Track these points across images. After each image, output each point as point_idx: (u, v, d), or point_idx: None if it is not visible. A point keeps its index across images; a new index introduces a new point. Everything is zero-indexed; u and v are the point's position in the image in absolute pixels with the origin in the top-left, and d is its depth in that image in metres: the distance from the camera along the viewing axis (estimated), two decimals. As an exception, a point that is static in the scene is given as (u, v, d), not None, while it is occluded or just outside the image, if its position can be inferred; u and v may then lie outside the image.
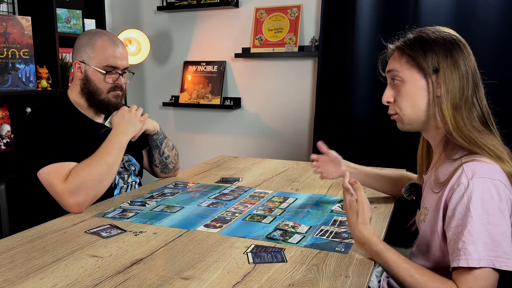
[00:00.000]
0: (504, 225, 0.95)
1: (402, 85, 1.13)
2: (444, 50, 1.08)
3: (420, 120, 1.13)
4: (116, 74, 1.60)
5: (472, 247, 0.94)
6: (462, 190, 0.99)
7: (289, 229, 1.27)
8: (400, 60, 1.13)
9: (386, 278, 1.36)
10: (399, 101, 1.14)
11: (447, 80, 1.06)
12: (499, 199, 0.97)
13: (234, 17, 3.23)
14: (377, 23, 2.66)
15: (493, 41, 2.39)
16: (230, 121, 3.36)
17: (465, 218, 0.96)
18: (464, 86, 1.07)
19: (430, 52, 1.08)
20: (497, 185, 0.98)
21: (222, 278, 0.98)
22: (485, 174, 0.99)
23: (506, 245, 0.94)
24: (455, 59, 1.07)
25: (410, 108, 1.13)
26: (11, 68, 2.53)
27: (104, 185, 1.46)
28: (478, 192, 0.97)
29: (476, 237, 0.94)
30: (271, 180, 1.86)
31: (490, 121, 1.10)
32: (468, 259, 0.94)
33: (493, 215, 0.95)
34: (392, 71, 1.15)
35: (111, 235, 1.23)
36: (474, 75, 1.09)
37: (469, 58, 1.09)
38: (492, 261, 0.93)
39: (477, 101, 1.08)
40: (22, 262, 1.06)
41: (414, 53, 1.10)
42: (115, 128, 1.56)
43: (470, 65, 1.09)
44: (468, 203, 0.97)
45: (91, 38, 1.59)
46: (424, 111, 1.11)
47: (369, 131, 2.72)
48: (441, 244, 1.07)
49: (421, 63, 1.09)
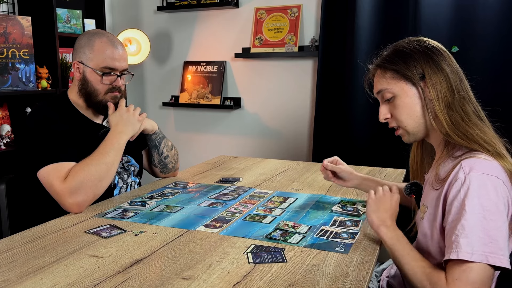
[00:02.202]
0: (500, 220, 0.95)
1: (394, 99, 1.14)
2: (424, 57, 1.10)
3: (421, 126, 1.14)
4: (113, 76, 1.60)
5: (464, 240, 0.94)
6: (459, 185, 0.99)
7: (289, 229, 1.27)
8: (384, 77, 1.15)
9: (386, 278, 1.36)
10: (397, 115, 1.15)
11: (434, 82, 1.08)
12: (496, 195, 0.97)
13: (234, 17, 3.23)
14: (377, 23, 2.66)
15: (492, 39, 2.40)
16: (230, 121, 3.36)
17: (460, 212, 0.97)
18: (452, 84, 1.08)
19: (411, 61, 1.11)
20: (493, 180, 0.98)
21: (222, 278, 0.98)
22: (482, 170, 0.99)
23: (501, 241, 0.94)
24: (436, 62, 1.09)
25: (409, 118, 1.14)
26: (11, 68, 2.53)
27: (104, 184, 1.46)
28: (474, 187, 0.97)
29: (469, 230, 0.94)
30: (271, 180, 1.86)
31: (481, 113, 1.11)
32: (458, 252, 0.94)
33: (488, 210, 0.95)
34: (381, 91, 1.17)
35: (111, 235, 1.23)
36: (458, 72, 1.11)
37: (449, 58, 1.11)
38: (486, 257, 0.92)
39: (467, 96, 1.10)
40: (22, 262, 1.06)
41: (396, 66, 1.12)
42: (113, 128, 1.56)
43: (453, 64, 1.11)
44: (464, 197, 0.97)
45: (90, 39, 1.59)
46: (421, 117, 1.13)
47: (369, 131, 2.72)
48: (440, 240, 1.07)
49: (406, 73, 1.11)
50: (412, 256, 1.05)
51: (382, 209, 1.17)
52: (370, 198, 1.21)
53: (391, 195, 1.20)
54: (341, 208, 1.45)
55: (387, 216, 1.16)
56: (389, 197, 1.19)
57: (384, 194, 1.20)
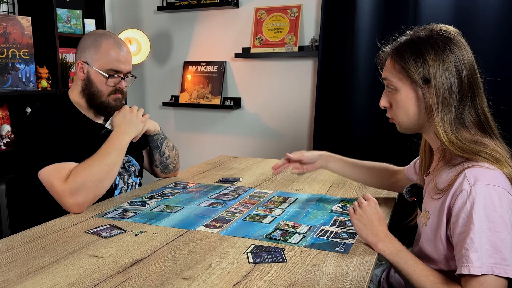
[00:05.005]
0: (505, 232, 0.95)
1: (395, 93, 1.14)
2: (436, 56, 1.05)
3: (415, 126, 1.15)
4: (118, 78, 1.60)
5: (474, 255, 0.94)
6: (464, 196, 0.98)
7: (289, 229, 1.27)
8: (392, 69, 1.13)
9: (386, 278, 1.36)
10: (394, 108, 1.16)
11: (438, 91, 1.05)
12: (501, 206, 0.96)
13: (234, 17, 3.23)
14: (377, 23, 2.66)
15: (493, 41, 2.39)
16: (230, 121, 3.36)
17: (468, 225, 0.96)
18: (457, 95, 1.05)
19: (421, 60, 1.06)
20: (499, 191, 0.98)
21: (222, 278, 0.98)
22: (488, 181, 0.98)
23: (506, 252, 0.94)
24: (447, 66, 1.05)
25: (404, 116, 1.14)
26: (11, 68, 2.53)
27: (105, 185, 1.46)
28: (480, 199, 0.96)
29: (478, 244, 0.94)
30: (271, 180, 1.86)
31: (489, 125, 1.09)
32: (469, 267, 0.94)
33: (494, 222, 0.95)
34: (386, 79, 1.16)
35: (111, 235, 1.23)
36: (471, 77, 1.07)
37: (463, 58, 1.06)
38: (491, 268, 0.93)
39: (473, 107, 1.07)
40: (22, 262, 1.06)
41: (405, 64, 1.09)
42: (116, 129, 1.56)
43: (466, 66, 1.06)
44: (471, 209, 0.96)
45: (97, 39, 1.58)
46: (417, 119, 1.12)
47: (369, 131, 2.72)
48: (444, 248, 1.07)
49: (412, 74, 1.08)
50: (418, 272, 1.03)
51: (369, 224, 1.15)
52: (352, 217, 1.18)
53: (369, 205, 1.17)
54: (341, 208, 1.45)
55: (379, 229, 1.14)
56: (368, 208, 1.16)
57: (363, 209, 1.17)
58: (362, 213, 1.16)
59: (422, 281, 1.01)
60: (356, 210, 1.18)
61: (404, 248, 1.10)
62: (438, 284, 1.00)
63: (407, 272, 1.05)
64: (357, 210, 1.18)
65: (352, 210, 1.19)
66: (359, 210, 1.17)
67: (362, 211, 1.16)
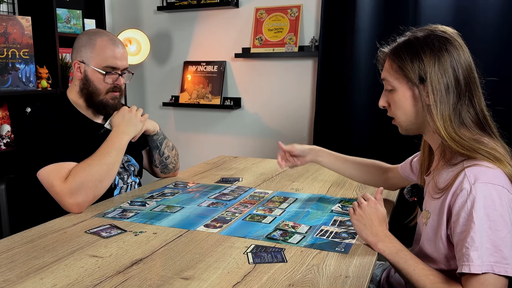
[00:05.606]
0: (505, 230, 0.95)
1: (393, 93, 1.14)
2: (431, 56, 1.06)
3: (415, 126, 1.15)
4: (115, 75, 1.60)
5: (475, 254, 0.94)
6: (465, 195, 0.98)
7: (289, 229, 1.27)
8: (390, 69, 1.14)
9: (386, 278, 1.36)
10: (393, 108, 1.16)
11: (434, 90, 1.05)
12: (501, 205, 0.96)
13: (234, 17, 3.23)
14: (377, 23, 2.67)
15: (493, 41, 2.39)
16: (230, 121, 3.36)
17: (468, 224, 0.97)
18: (454, 94, 1.05)
19: (417, 60, 1.07)
20: (499, 190, 0.98)
21: (222, 278, 0.98)
22: (488, 180, 0.98)
23: (506, 250, 0.94)
24: (443, 66, 1.05)
25: (403, 116, 1.14)
26: (11, 68, 2.53)
27: (104, 185, 1.46)
28: (481, 197, 0.97)
29: (478, 243, 0.94)
30: (271, 180, 1.86)
31: (488, 124, 1.09)
32: (470, 265, 0.94)
33: (494, 221, 0.95)
34: (384, 79, 1.17)
35: (111, 235, 1.23)
36: (467, 77, 1.07)
37: (459, 58, 1.06)
38: (491, 267, 0.93)
39: (471, 106, 1.08)
40: (22, 262, 1.06)
41: (402, 63, 1.10)
42: (115, 129, 1.56)
43: (463, 66, 1.06)
44: (471, 209, 0.97)
45: (91, 38, 1.59)
46: (415, 118, 1.13)
47: (369, 130, 2.72)
48: (444, 248, 1.07)
49: (408, 73, 1.09)
50: (418, 271, 1.03)
51: (369, 224, 1.15)
52: (352, 218, 1.18)
53: (368, 205, 1.17)
54: (341, 208, 1.45)
55: (379, 229, 1.14)
56: (368, 208, 1.16)
57: (363, 209, 1.17)
58: (361, 213, 1.17)
59: (422, 281, 1.01)
60: (356, 210, 1.18)
61: (404, 248, 1.10)
62: (438, 284, 1.00)
63: (407, 271, 1.05)
64: (356, 210, 1.18)
65: (352, 210, 1.19)
66: (359, 210, 1.17)
67: (362, 211, 1.17)
